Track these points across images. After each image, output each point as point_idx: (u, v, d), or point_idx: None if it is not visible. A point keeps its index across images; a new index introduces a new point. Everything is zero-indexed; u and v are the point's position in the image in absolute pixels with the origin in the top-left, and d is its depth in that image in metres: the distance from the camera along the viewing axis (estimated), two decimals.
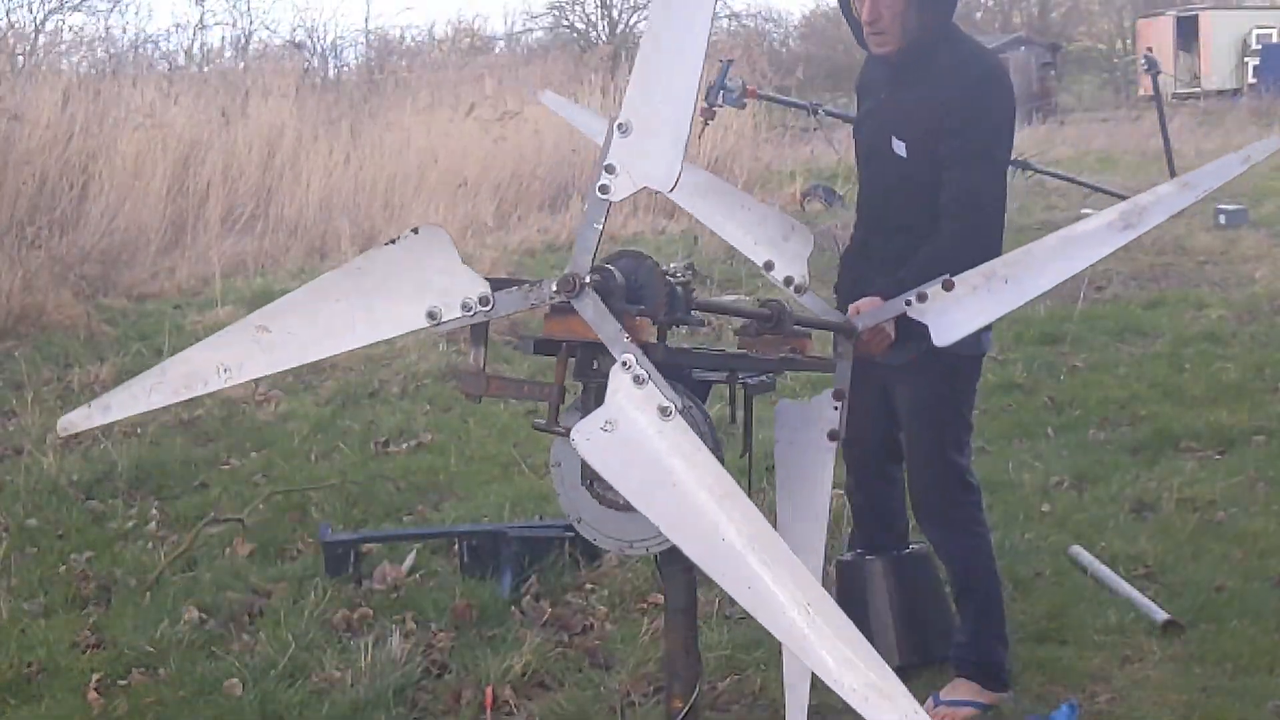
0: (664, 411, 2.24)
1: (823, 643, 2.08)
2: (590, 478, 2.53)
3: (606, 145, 2.30)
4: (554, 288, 2.33)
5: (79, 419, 2.51)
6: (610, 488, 2.48)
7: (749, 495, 2.88)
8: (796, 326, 2.93)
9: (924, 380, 3.42)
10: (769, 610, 2.12)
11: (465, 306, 2.35)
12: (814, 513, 2.88)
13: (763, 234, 3.00)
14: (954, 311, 2.88)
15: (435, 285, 2.35)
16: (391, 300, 2.37)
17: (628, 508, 2.48)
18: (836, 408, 2.91)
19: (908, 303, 2.92)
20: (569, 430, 2.41)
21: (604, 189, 2.31)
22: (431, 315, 2.35)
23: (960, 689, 3.49)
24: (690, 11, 2.28)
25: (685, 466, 2.21)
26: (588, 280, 2.32)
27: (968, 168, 3.26)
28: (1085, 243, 2.85)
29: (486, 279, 2.40)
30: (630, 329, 2.35)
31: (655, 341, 2.43)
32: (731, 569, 2.15)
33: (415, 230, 2.38)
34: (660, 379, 2.26)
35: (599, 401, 2.44)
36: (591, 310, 2.32)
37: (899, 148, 3.35)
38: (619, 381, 2.27)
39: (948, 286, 2.88)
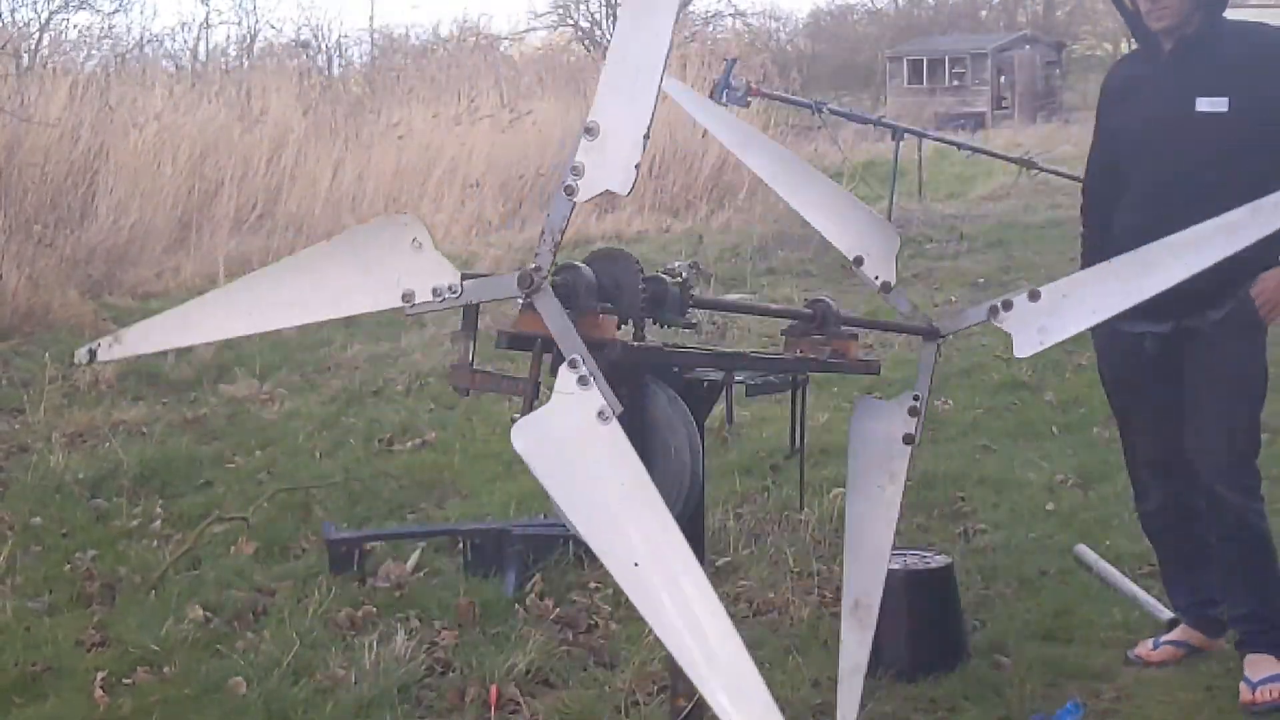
0: (602, 415, 2.26)
1: (710, 666, 2.11)
2: None
3: (575, 146, 2.32)
4: (514, 283, 2.35)
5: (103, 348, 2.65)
6: None
7: (801, 485, 2.89)
8: (844, 327, 2.92)
9: (1234, 339, 3.38)
10: (658, 623, 2.15)
11: (435, 292, 2.39)
12: (884, 513, 2.89)
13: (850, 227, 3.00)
14: (1039, 319, 2.77)
15: (410, 269, 2.41)
16: (368, 277, 2.43)
17: None
18: (914, 411, 2.89)
19: (992, 309, 2.81)
20: None
21: (569, 190, 2.32)
22: (406, 297, 2.40)
23: (1262, 665, 3.43)
24: (655, 20, 2.31)
25: (610, 471, 2.24)
26: (545, 275, 2.33)
27: None
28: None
29: (461, 273, 2.46)
30: (591, 326, 2.37)
31: (614, 339, 2.43)
32: (631, 577, 2.19)
33: (393, 214, 2.47)
34: (603, 383, 2.27)
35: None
36: (544, 306, 2.34)
37: (1212, 104, 3.32)
38: (565, 380, 2.29)
39: (1033, 297, 2.77)
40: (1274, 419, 5.92)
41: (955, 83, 36.51)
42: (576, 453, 2.26)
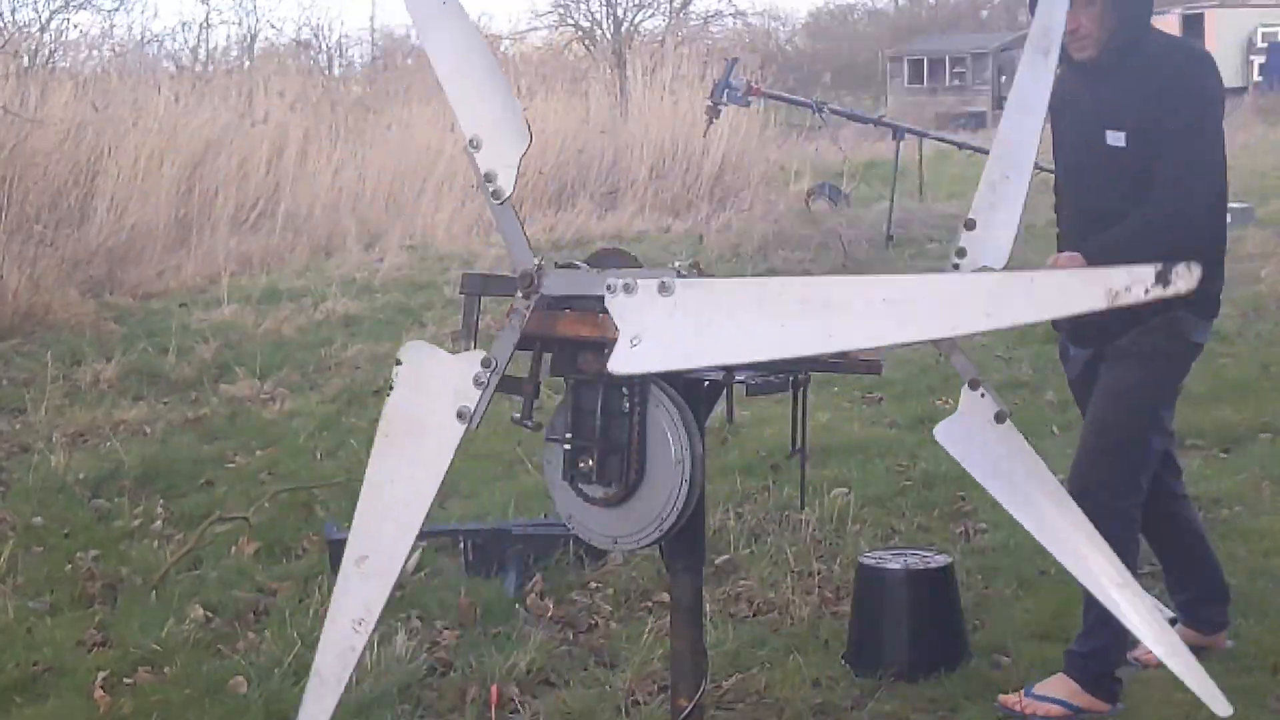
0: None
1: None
2: (571, 474, 2.53)
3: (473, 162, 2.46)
4: (518, 293, 2.40)
5: None
6: (592, 484, 2.50)
7: (802, 485, 3.02)
8: None
9: (1126, 364, 3.40)
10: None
11: (478, 383, 2.46)
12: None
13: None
14: None
15: (446, 392, 2.47)
16: (424, 437, 2.55)
17: (611, 504, 2.50)
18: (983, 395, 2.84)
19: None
20: (539, 426, 2.50)
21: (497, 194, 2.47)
22: (461, 415, 2.49)
23: (1056, 685, 3.43)
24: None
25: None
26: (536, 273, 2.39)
27: (1179, 144, 3.30)
28: None
29: (469, 274, 2.57)
30: (591, 326, 2.38)
31: (614, 339, 2.43)
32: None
33: (399, 361, 2.51)
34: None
35: (576, 397, 2.47)
36: (521, 304, 2.39)
37: (1115, 139, 3.36)
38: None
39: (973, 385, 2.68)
40: (1276, 419, 5.96)
41: (956, 82, 36.53)
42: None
